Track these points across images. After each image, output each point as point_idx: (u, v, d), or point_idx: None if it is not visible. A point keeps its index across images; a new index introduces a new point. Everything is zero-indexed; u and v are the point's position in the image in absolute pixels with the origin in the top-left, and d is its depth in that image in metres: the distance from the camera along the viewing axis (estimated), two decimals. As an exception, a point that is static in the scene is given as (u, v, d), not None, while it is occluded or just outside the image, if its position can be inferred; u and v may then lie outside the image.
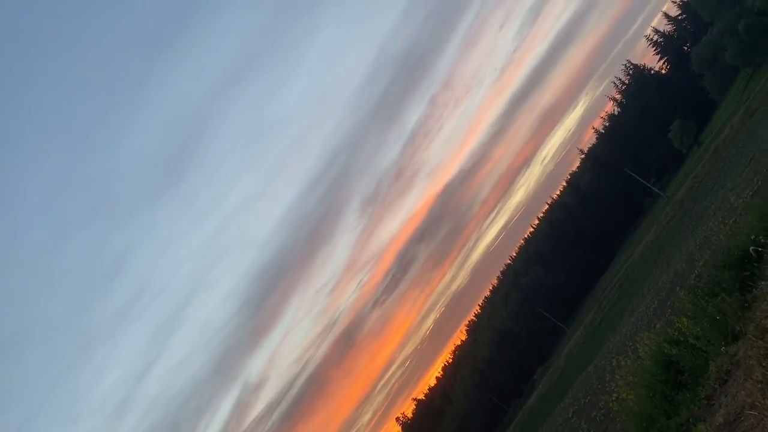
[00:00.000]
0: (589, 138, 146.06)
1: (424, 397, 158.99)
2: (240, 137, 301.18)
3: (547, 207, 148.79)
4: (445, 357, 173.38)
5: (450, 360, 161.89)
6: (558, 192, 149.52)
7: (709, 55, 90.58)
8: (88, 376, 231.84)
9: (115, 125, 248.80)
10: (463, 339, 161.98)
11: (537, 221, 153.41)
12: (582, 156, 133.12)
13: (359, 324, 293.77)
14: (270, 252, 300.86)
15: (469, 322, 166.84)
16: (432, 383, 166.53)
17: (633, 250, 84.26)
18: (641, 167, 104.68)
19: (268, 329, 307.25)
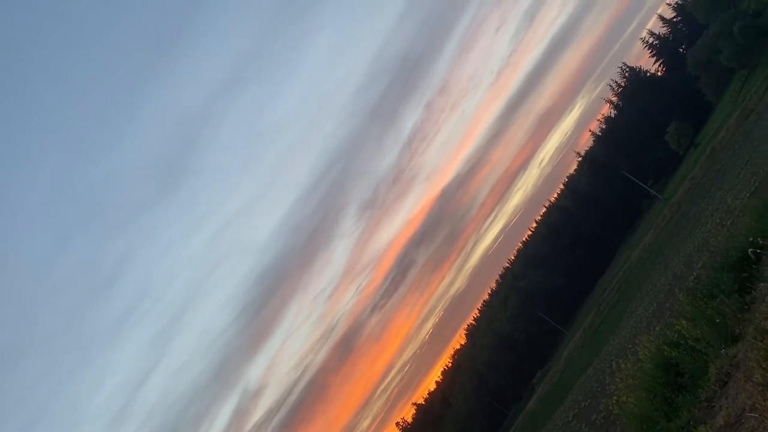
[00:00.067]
0: (586, 141, 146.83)
1: (424, 402, 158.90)
2: (237, 143, 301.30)
3: (545, 210, 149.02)
4: (445, 361, 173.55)
5: (449, 364, 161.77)
6: (556, 195, 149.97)
7: (705, 57, 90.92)
8: (87, 382, 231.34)
9: (113, 131, 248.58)
10: (463, 343, 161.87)
11: (535, 224, 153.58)
12: (579, 159, 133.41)
13: (358, 329, 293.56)
14: (268, 257, 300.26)
15: (468, 326, 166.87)
16: (432, 388, 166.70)
17: (631, 252, 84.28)
18: (638, 169, 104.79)
19: (266, 335, 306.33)
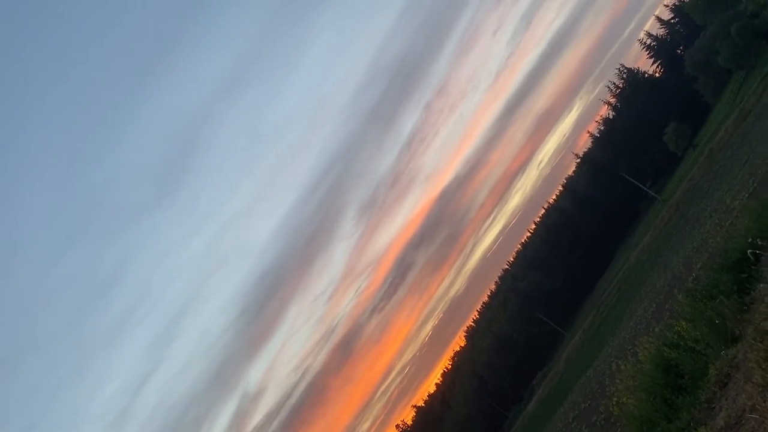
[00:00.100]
0: (585, 142, 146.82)
1: (423, 404, 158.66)
2: (237, 144, 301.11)
3: (544, 211, 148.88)
4: (445, 363, 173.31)
5: (449, 366, 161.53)
6: (554, 196, 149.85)
7: (703, 58, 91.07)
8: (87, 385, 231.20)
9: (113, 132, 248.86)
10: (462, 345, 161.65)
11: (534, 226, 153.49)
12: (578, 160, 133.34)
13: (358, 331, 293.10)
14: (267, 260, 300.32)
15: (468, 327, 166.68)
16: (431, 390, 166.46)
17: (630, 253, 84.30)
18: (637, 170, 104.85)
19: (266, 338, 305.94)
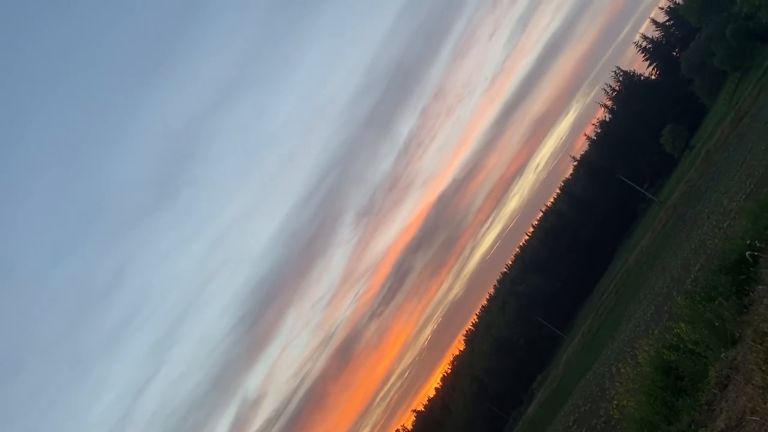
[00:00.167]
0: (582, 145, 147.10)
1: (423, 409, 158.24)
2: (233, 152, 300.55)
3: (542, 214, 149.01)
4: (444, 367, 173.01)
5: (449, 370, 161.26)
6: (552, 199, 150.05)
7: (698, 60, 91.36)
8: (85, 393, 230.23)
9: (110, 140, 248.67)
10: (462, 349, 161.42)
11: (532, 229, 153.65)
12: (575, 163, 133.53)
13: (357, 336, 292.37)
14: (265, 267, 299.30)
15: (467, 331, 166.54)
16: (431, 394, 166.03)
17: (628, 255, 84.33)
18: (634, 173, 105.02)
19: (265, 344, 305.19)
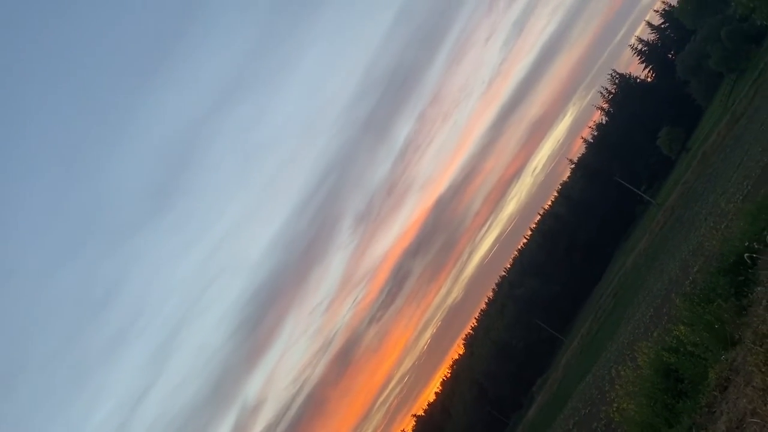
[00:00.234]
0: (579, 148, 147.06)
1: (423, 413, 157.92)
2: (230, 159, 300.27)
3: (540, 217, 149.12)
4: (444, 372, 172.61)
5: (448, 374, 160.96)
6: (550, 202, 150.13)
7: (694, 62, 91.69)
8: (84, 403, 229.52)
9: (104, 152, 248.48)
10: (461, 353, 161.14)
11: (530, 232, 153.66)
12: (572, 166, 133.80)
13: (356, 342, 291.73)
14: (263, 273, 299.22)
15: (466, 335, 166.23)
16: (431, 399, 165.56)
17: (626, 258, 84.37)
18: (631, 175, 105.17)
19: (264, 351, 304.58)
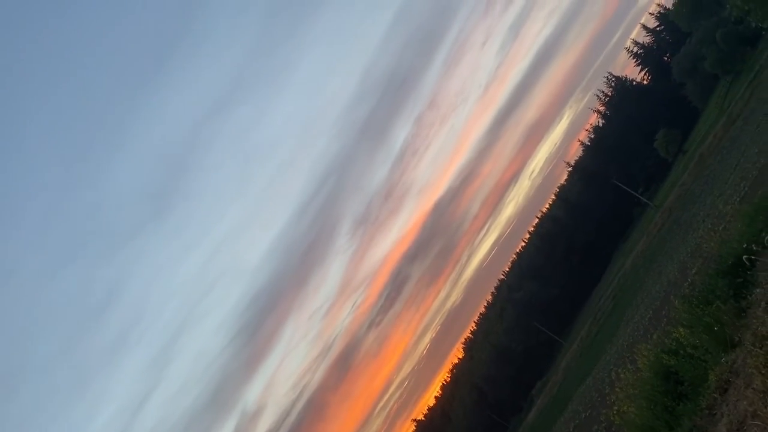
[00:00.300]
0: (576, 151, 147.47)
1: (423, 418, 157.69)
2: (227, 165, 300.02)
3: (538, 221, 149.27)
4: (443, 376, 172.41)
5: (448, 379, 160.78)
6: (547, 205, 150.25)
7: (689, 65, 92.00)
8: (83, 411, 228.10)
9: (102, 156, 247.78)
10: (460, 357, 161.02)
11: (528, 235, 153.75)
12: (569, 169, 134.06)
13: (355, 346, 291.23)
14: (262, 279, 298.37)
15: (466, 339, 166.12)
16: (431, 403, 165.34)
17: (625, 260, 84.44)
18: (628, 177, 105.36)
19: (263, 356, 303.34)
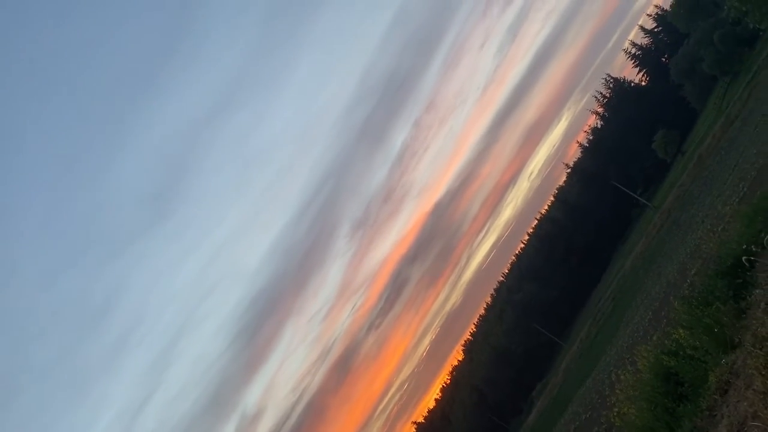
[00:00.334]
0: (574, 152, 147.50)
1: (423, 420, 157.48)
2: (226, 168, 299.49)
3: (537, 222, 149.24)
4: (443, 378, 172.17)
5: (448, 381, 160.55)
6: (546, 207, 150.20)
7: (687, 66, 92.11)
8: (83, 415, 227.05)
9: (101, 161, 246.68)
10: (460, 359, 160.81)
11: (527, 237, 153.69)
12: (568, 170, 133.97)
13: (355, 349, 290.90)
14: (261, 282, 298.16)
15: (466, 341, 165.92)
16: (431, 405, 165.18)
17: (624, 261, 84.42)
18: (627, 178, 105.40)
19: (263, 359, 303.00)
